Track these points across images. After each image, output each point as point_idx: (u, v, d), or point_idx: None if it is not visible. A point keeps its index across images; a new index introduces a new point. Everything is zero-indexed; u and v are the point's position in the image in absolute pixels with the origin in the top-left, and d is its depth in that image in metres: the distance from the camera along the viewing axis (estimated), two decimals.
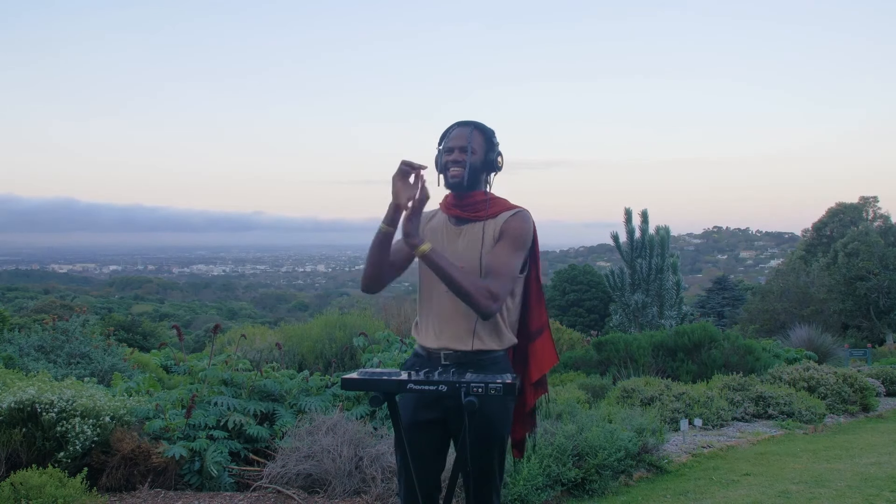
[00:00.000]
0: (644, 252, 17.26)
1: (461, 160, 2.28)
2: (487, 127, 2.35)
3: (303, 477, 3.88)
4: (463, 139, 2.30)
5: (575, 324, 27.55)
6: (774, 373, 8.48)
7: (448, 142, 2.33)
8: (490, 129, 2.35)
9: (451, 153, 2.31)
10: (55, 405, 3.76)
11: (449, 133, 2.36)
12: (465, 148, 2.29)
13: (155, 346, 14.61)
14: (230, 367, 4.79)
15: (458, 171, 2.29)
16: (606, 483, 4.31)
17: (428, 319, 2.35)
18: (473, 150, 2.30)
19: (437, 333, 2.31)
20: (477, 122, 2.35)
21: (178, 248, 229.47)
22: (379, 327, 9.30)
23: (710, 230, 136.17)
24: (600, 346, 9.84)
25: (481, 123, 2.35)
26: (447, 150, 2.32)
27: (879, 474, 4.62)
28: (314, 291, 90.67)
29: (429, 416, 2.27)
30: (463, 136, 2.31)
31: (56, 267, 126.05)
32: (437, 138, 2.40)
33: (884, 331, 23.60)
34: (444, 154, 2.33)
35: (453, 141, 2.32)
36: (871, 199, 34.76)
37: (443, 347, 2.29)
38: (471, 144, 2.29)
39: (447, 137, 2.35)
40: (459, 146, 2.30)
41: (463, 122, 2.36)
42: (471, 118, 2.37)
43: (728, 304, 34.99)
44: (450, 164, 2.30)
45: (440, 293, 2.31)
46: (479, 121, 2.36)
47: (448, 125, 2.39)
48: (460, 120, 2.38)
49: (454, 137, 2.32)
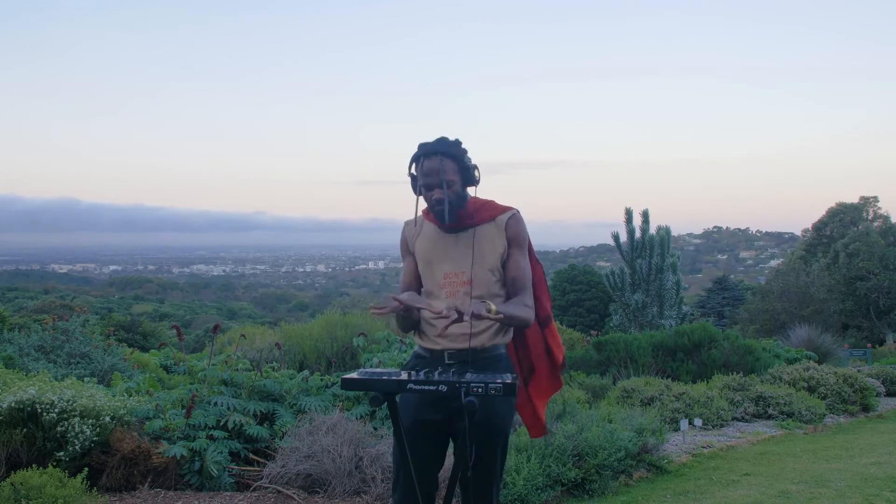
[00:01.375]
0: (644, 252, 17.26)
1: (443, 198, 2.26)
2: (454, 147, 2.28)
3: (303, 477, 3.88)
4: (436, 175, 2.26)
5: (575, 324, 27.55)
6: (774, 373, 8.48)
7: (423, 178, 2.28)
8: (458, 148, 2.28)
9: (431, 190, 2.28)
10: (55, 405, 3.76)
11: (420, 164, 2.29)
12: (443, 183, 2.25)
13: (155, 346, 14.60)
14: (230, 367, 4.79)
15: (442, 208, 2.28)
16: (606, 483, 4.31)
17: (429, 325, 2.36)
18: (451, 181, 2.27)
19: (440, 337, 2.32)
20: (443, 148, 2.27)
21: (178, 248, 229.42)
22: (381, 327, 9.30)
23: (710, 230, 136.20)
24: (600, 346, 9.84)
25: (447, 146, 2.27)
26: (426, 187, 2.29)
27: (879, 474, 4.62)
28: (314, 291, 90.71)
29: (431, 417, 2.27)
30: (435, 171, 2.26)
31: (56, 267, 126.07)
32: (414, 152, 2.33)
33: (884, 331, 23.60)
34: (424, 189, 2.30)
35: (427, 178, 2.27)
36: (871, 199, 34.76)
37: (446, 348, 2.30)
38: (444, 179, 2.25)
39: (420, 171, 2.29)
40: (436, 183, 2.26)
41: (429, 151, 2.27)
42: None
43: (728, 304, 35.00)
44: (434, 201, 2.29)
45: (440, 295, 2.33)
46: (441, 141, 2.28)
47: (418, 144, 2.31)
48: (425, 144, 2.29)
49: (427, 173, 2.27)
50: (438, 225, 2.39)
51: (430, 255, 2.39)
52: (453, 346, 2.30)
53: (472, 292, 2.30)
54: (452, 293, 2.32)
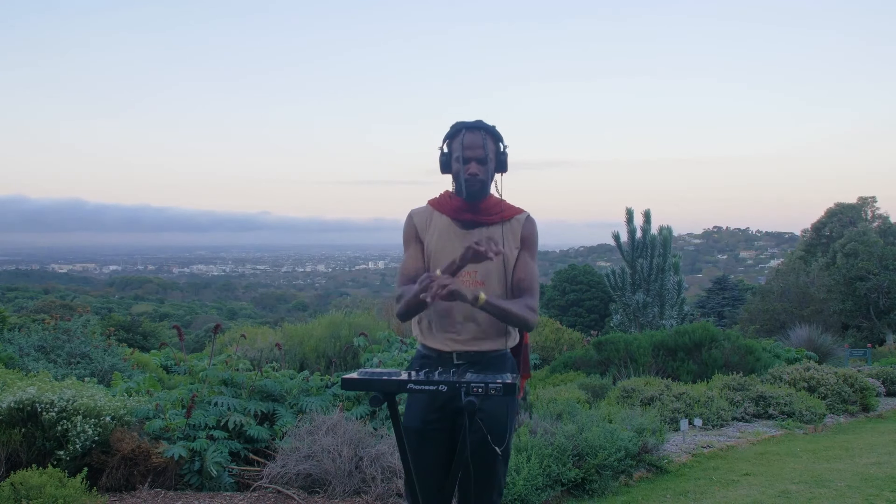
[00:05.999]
0: (645, 252, 17.26)
1: (479, 174, 2.23)
2: (494, 127, 2.29)
3: (303, 477, 3.88)
4: (479, 149, 2.23)
5: (575, 324, 27.56)
6: (775, 373, 8.48)
7: (463, 151, 2.24)
8: (496, 130, 2.29)
9: (468, 164, 2.23)
10: (55, 405, 3.76)
11: (459, 138, 2.25)
12: (483, 159, 2.23)
13: (155, 346, 14.61)
14: (230, 367, 4.79)
15: (478, 184, 2.24)
16: (606, 483, 4.31)
17: (439, 323, 2.32)
18: (490, 158, 2.24)
19: (451, 339, 2.29)
20: (486, 125, 2.28)
21: (179, 248, 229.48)
22: (382, 327, 9.31)
23: (710, 230, 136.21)
24: (600, 346, 9.84)
25: (489, 125, 2.28)
26: (463, 160, 2.24)
27: (879, 474, 4.62)
28: (314, 291, 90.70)
29: (437, 422, 2.25)
30: (478, 146, 2.23)
31: (56, 267, 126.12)
32: (442, 137, 2.32)
33: (884, 331, 23.59)
34: (460, 163, 2.24)
35: (469, 151, 2.23)
36: (869, 199, 34.75)
37: (456, 350, 2.28)
38: (487, 154, 2.23)
39: (459, 144, 2.25)
40: (476, 157, 2.23)
41: (471, 126, 2.26)
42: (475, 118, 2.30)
43: (728, 304, 35.02)
44: (468, 175, 2.24)
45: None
46: (482, 121, 2.29)
47: (452, 124, 2.30)
48: (465, 122, 2.28)
49: (469, 146, 2.23)
50: (452, 217, 2.33)
51: (442, 251, 2.31)
52: (463, 348, 2.27)
53: (485, 292, 2.24)
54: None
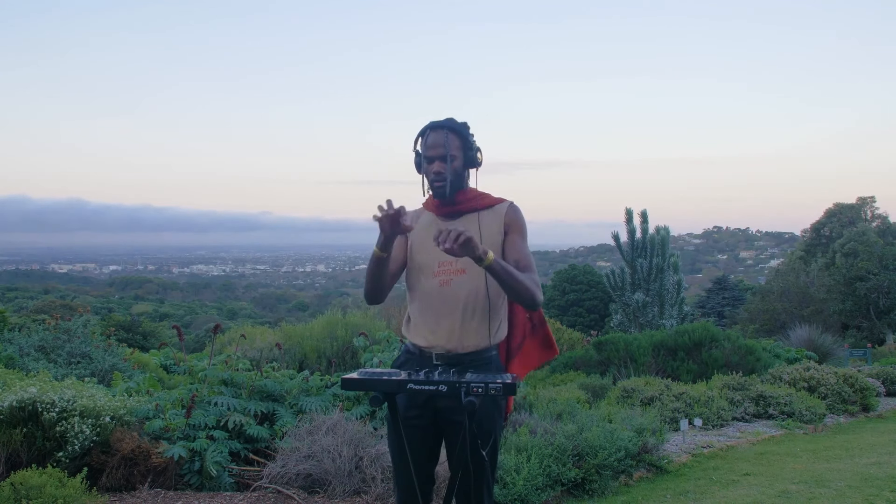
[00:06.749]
0: (645, 252, 17.27)
1: (443, 171, 2.26)
2: (461, 125, 2.30)
3: (303, 477, 3.88)
4: (440, 147, 2.26)
5: (575, 324, 27.57)
6: (775, 373, 8.48)
7: (426, 150, 2.28)
8: (464, 127, 2.30)
9: (432, 163, 2.27)
10: (56, 405, 3.76)
11: (424, 139, 2.30)
12: (445, 157, 2.25)
13: (155, 346, 14.60)
14: (230, 367, 4.79)
15: (442, 183, 2.27)
16: (606, 483, 4.31)
17: (420, 317, 2.33)
18: (453, 156, 2.27)
19: (431, 331, 2.28)
20: (450, 123, 2.29)
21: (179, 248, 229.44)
22: (381, 327, 9.31)
23: (710, 230, 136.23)
24: (600, 346, 9.84)
25: (454, 123, 2.30)
26: (427, 160, 2.29)
27: (879, 474, 4.62)
28: (314, 291, 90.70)
29: (419, 415, 2.26)
30: (440, 144, 2.26)
31: (56, 267, 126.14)
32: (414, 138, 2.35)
33: (884, 331, 23.59)
34: (426, 162, 2.29)
35: (431, 150, 2.27)
36: (868, 200, 34.78)
37: (434, 346, 2.28)
38: (449, 152, 2.25)
39: (424, 144, 2.29)
40: (439, 156, 2.26)
41: (436, 125, 2.29)
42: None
43: (728, 304, 35.01)
44: (433, 175, 2.28)
45: (430, 290, 2.30)
46: (450, 119, 2.31)
47: (422, 125, 2.33)
48: (433, 121, 2.32)
49: (431, 146, 2.27)
50: (437, 213, 2.36)
51: (421, 243, 2.34)
52: (442, 345, 2.26)
53: (467, 281, 2.26)
54: (446, 281, 2.28)
